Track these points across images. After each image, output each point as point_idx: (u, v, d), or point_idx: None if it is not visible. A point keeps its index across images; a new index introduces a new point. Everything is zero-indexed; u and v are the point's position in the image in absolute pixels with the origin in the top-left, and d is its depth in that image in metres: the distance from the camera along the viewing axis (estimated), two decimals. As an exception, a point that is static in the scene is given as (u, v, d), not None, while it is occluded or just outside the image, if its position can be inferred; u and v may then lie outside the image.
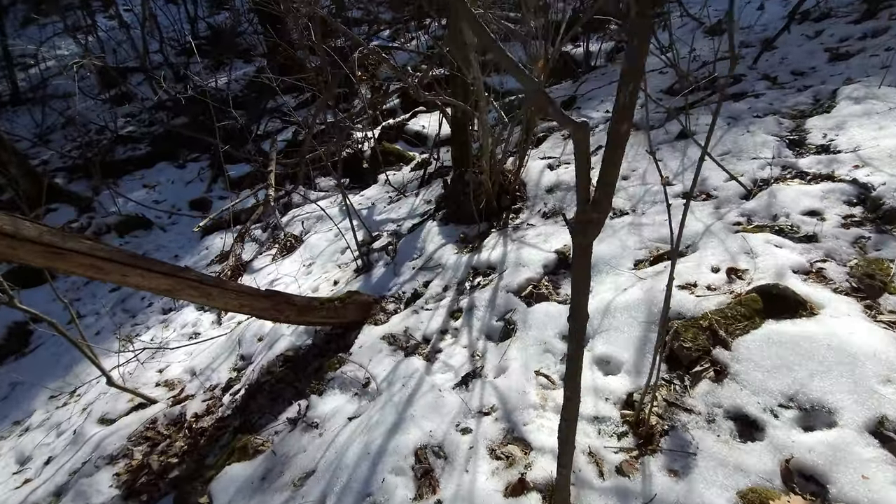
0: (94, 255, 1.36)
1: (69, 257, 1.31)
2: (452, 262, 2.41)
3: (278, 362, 2.22)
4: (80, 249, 1.33)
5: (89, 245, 1.35)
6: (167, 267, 1.55)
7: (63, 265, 1.31)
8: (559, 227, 2.42)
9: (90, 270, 1.37)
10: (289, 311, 1.94)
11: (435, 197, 3.69)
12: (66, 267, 1.32)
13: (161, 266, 1.53)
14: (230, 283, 1.73)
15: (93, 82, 8.89)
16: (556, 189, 2.70)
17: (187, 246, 4.83)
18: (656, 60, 4.57)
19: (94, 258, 1.36)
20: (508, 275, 2.09)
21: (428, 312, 2.11)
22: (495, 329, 1.87)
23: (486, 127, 2.15)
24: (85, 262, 1.34)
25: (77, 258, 1.33)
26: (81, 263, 1.34)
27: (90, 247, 1.35)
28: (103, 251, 1.38)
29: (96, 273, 1.38)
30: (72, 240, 1.32)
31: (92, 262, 1.36)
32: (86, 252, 1.34)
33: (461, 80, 3.10)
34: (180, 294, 1.58)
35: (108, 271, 1.40)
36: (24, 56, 10.21)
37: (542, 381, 1.52)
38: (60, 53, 10.14)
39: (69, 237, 1.32)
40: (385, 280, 2.67)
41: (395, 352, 1.91)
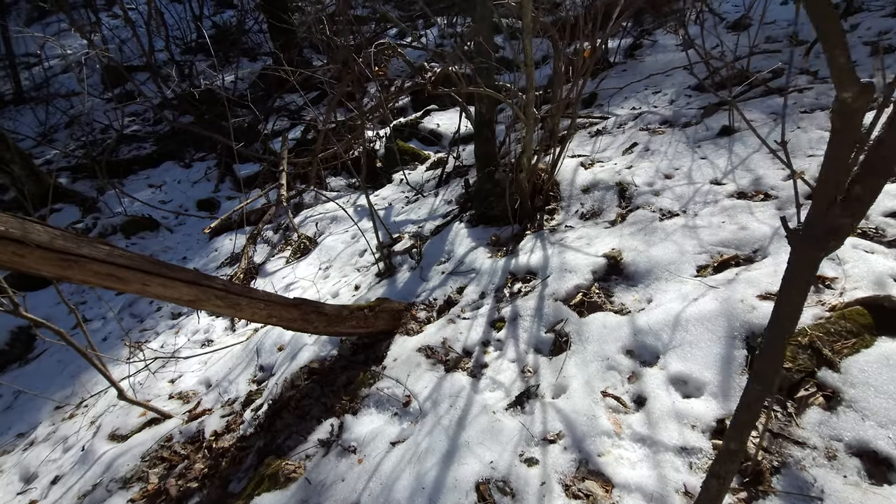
0: (112, 263, 1.19)
1: (84, 265, 1.15)
2: (487, 267, 2.25)
3: (303, 375, 2.06)
4: (97, 256, 1.17)
5: (107, 251, 1.19)
6: (191, 274, 1.38)
7: (77, 275, 1.15)
8: (601, 229, 2.26)
9: (108, 280, 1.20)
10: (318, 321, 1.77)
11: (456, 197, 3.53)
12: (80, 277, 1.16)
13: (184, 273, 1.36)
14: (258, 292, 1.57)
15: (97, 81, 8.74)
16: (594, 189, 2.54)
17: (195, 248, 4.67)
18: (681, 57, 4.42)
19: (113, 266, 1.19)
20: (553, 281, 1.93)
21: (466, 322, 1.95)
22: (545, 341, 1.70)
23: (531, 121, 1.99)
24: (102, 271, 1.18)
25: (93, 266, 1.16)
26: (98, 272, 1.17)
27: (108, 253, 1.19)
28: (122, 258, 1.21)
29: (114, 283, 1.22)
30: (87, 245, 1.16)
31: (110, 270, 1.19)
32: (103, 259, 1.18)
33: (487, 73, 2.94)
34: (205, 305, 1.42)
35: (128, 281, 1.24)
36: (28, 54, 10.06)
37: (610, 402, 1.35)
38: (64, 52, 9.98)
39: (84, 242, 1.15)
40: (412, 285, 2.51)
41: (435, 366, 1.74)
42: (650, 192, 2.34)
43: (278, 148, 5.37)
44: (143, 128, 7.50)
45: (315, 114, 5.84)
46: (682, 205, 2.16)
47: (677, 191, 2.27)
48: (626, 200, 2.39)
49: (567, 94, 2.46)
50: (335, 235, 3.64)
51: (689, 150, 2.63)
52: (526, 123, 2.01)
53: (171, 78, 7.24)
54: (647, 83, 4.19)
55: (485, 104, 3.01)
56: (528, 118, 1.97)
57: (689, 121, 3.03)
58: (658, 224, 2.06)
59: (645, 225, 2.10)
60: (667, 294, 1.64)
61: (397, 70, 6.23)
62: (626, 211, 2.31)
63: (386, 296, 2.54)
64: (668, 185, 2.35)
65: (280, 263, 3.69)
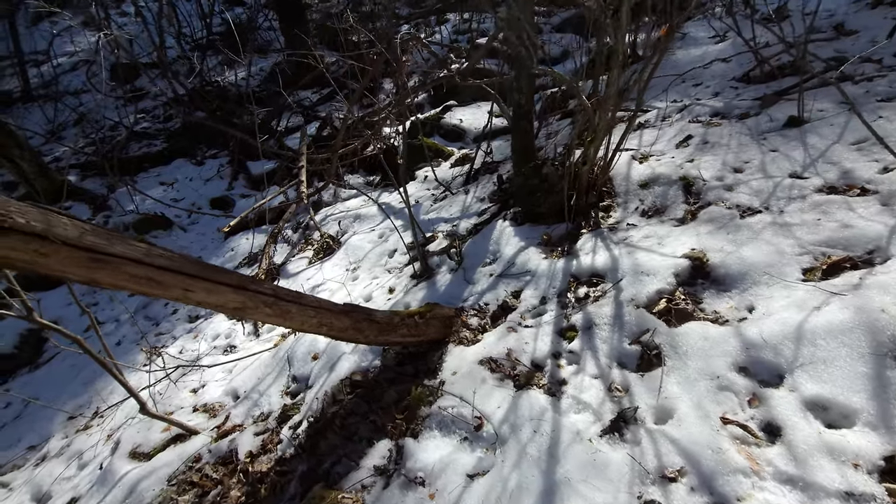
0: (150, 265, 0.98)
1: (118, 267, 0.94)
2: (544, 269, 2.03)
3: (345, 388, 1.85)
4: (133, 256, 0.95)
5: (144, 250, 0.98)
6: (237, 278, 1.17)
7: (108, 278, 0.94)
8: (669, 227, 2.04)
9: (145, 285, 0.99)
10: (369, 329, 1.56)
11: (489, 194, 3.32)
12: (112, 280, 0.95)
13: (230, 277, 1.15)
14: (308, 297, 1.35)
15: (106, 78, 8.57)
16: (653, 184, 2.32)
17: (210, 247, 4.46)
18: (716, 49, 4.19)
19: (151, 268, 0.98)
20: (628, 285, 1.71)
21: (530, 330, 1.73)
22: (629, 355, 1.49)
23: (611, 106, 1.76)
24: (138, 274, 0.97)
25: (128, 268, 0.95)
26: (133, 276, 0.96)
27: (146, 252, 0.98)
28: (163, 258, 1.00)
29: (153, 288, 1.01)
30: (121, 243, 0.94)
31: (148, 273, 0.98)
32: (139, 259, 0.97)
33: (526, 63, 2.73)
34: (253, 313, 1.21)
35: (169, 285, 1.03)
36: (36, 52, 9.89)
37: (735, 431, 1.14)
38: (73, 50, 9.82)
39: (117, 239, 0.94)
40: (455, 288, 2.30)
41: (503, 382, 1.53)
42: (721, 187, 2.12)
43: (293, 145, 5.17)
44: (154, 125, 7.31)
45: (334, 108, 5.64)
46: (764, 200, 1.94)
47: (753, 185, 2.05)
48: (694, 196, 2.17)
49: (631, 80, 2.24)
50: (361, 234, 3.43)
51: (755, 142, 2.41)
52: (600, 111, 1.79)
53: (182, 74, 7.05)
54: (685, 76, 3.96)
55: (524, 93, 2.79)
56: (607, 105, 1.75)
57: (746, 112, 2.80)
58: (740, 222, 1.84)
59: (724, 223, 1.88)
60: (774, 301, 1.42)
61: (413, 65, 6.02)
62: (696, 207, 2.09)
63: (427, 300, 2.33)
64: (741, 179, 2.13)
65: (302, 264, 3.48)
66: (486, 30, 6.89)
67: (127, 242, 0.96)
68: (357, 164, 4.90)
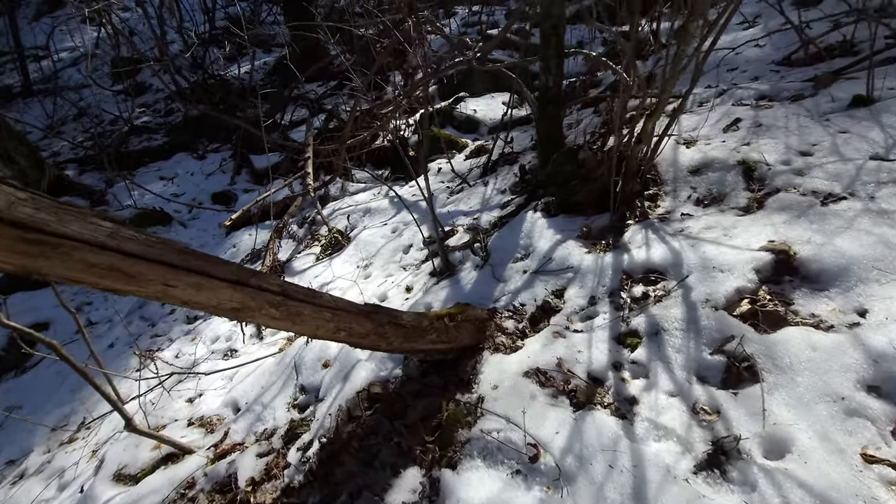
0: (117, 251, 0.71)
1: (68, 253, 0.67)
2: (589, 265, 1.76)
3: (362, 402, 1.58)
4: (92, 238, 0.69)
5: (108, 230, 0.71)
6: (234, 270, 0.90)
7: (56, 267, 0.67)
8: (732, 216, 1.77)
9: (110, 278, 0.73)
10: (394, 335, 1.29)
11: (510, 185, 3.06)
12: (62, 272, 0.68)
13: (226, 269, 0.88)
14: (324, 297, 1.09)
15: (107, 73, 8.35)
16: (706, 170, 2.05)
17: (211, 243, 4.21)
18: (745, 35, 3.91)
19: (118, 255, 0.72)
20: (698, 283, 1.44)
21: (580, 336, 1.46)
22: (711, 367, 1.22)
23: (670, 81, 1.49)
24: (100, 263, 0.70)
25: (84, 254, 0.69)
26: (93, 265, 0.70)
27: (111, 233, 0.71)
28: (136, 242, 0.73)
29: (121, 282, 0.74)
30: (76, 219, 0.68)
31: (114, 261, 0.71)
32: (102, 244, 0.70)
33: (555, 42, 2.47)
34: (255, 315, 0.94)
35: (142, 279, 0.76)
36: (37, 47, 9.68)
37: (885, 473, 0.87)
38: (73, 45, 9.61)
39: (71, 214, 0.68)
40: (483, 287, 2.03)
41: (557, 399, 1.26)
42: (790, 172, 1.84)
43: (298, 139, 4.91)
44: (154, 119, 7.07)
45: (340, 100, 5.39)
46: (846, 186, 1.66)
47: (829, 169, 1.77)
48: (757, 182, 1.89)
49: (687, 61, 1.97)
50: (372, 229, 3.16)
51: (818, 124, 2.14)
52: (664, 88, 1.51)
53: (184, 68, 6.81)
54: (717, 61, 3.68)
55: (552, 75, 2.53)
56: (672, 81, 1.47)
57: (799, 94, 2.53)
58: (823, 209, 1.57)
59: (802, 210, 1.61)
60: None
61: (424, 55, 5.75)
62: (762, 194, 1.82)
63: (451, 300, 2.06)
64: (812, 162, 1.85)
65: (309, 260, 3.22)
66: (496, 22, 6.63)
67: (85, 219, 0.69)
68: (364, 158, 4.64)
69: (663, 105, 1.63)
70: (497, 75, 4.66)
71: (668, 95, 1.59)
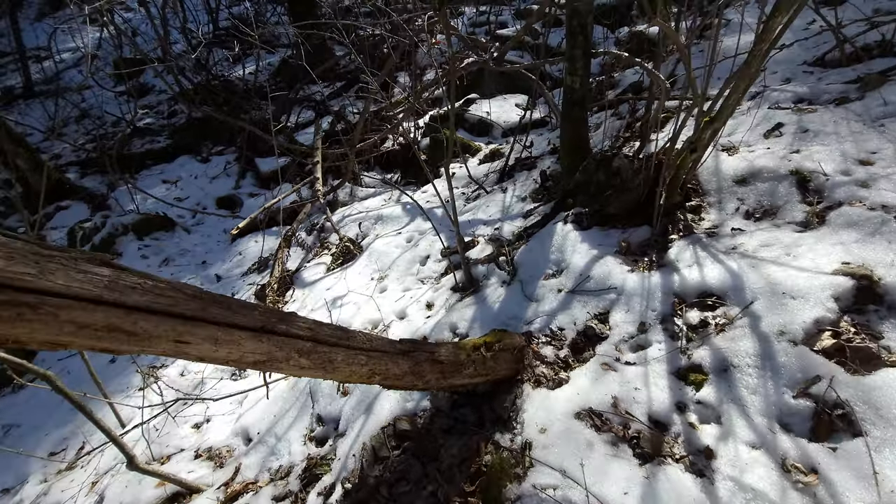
0: (116, 305, 0.56)
1: (54, 314, 0.52)
2: (634, 285, 1.60)
3: (388, 440, 1.42)
4: (84, 293, 0.53)
5: (107, 280, 0.56)
6: (258, 316, 0.75)
7: (40, 334, 0.52)
8: (791, 232, 1.61)
9: (109, 340, 0.57)
10: (431, 373, 1.14)
11: (530, 192, 2.90)
12: (46, 337, 0.53)
13: (248, 315, 0.73)
14: (357, 336, 0.93)
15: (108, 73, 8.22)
16: (754, 179, 1.89)
17: (216, 250, 4.05)
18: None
19: (119, 311, 0.56)
20: (767, 311, 1.28)
21: (634, 369, 1.30)
22: (796, 412, 1.06)
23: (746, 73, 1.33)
24: (94, 323, 0.55)
25: (75, 314, 0.53)
26: (86, 326, 0.54)
27: (109, 285, 0.56)
28: (141, 292, 0.58)
29: (122, 343, 0.59)
30: (62, 269, 0.52)
31: (113, 319, 0.56)
32: (98, 298, 0.55)
33: (582, 40, 2.31)
34: (281, 367, 0.79)
35: (148, 337, 0.61)
36: (39, 48, 9.55)
37: None
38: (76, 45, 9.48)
39: (52, 260, 0.52)
40: (513, 306, 1.87)
41: (617, 448, 1.10)
42: (851, 183, 1.68)
43: (304, 141, 4.76)
44: (158, 120, 6.92)
45: (347, 102, 5.23)
46: (925, 199, 1.50)
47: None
48: (814, 194, 1.73)
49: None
50: (385, 238, 3.01)
51: (872, 129, 1.98)
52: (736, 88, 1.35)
53: (188, 69, 6.66)
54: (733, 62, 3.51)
55: (579, 76, 2.37)
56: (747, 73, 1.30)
57: (843, 96, 2.36)
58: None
59: (875, 228, 1.45)
60: None
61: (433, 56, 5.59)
62: (822, 208, 1.66)
63: (478, 319, 1.91)
64: (876, 173, 1.69)
65: (319, 270, 3.07)
66: (504, 22, 6.47)
67: (74, 267, 0.54)
68: (373, 161, 4.49)
69: (730, 110, 1.47)
70: (512, 76, 4.51)
71: (738, 97, 1.43)
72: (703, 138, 1.53)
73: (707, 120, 1.47)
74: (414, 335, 2.04)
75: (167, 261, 3.96)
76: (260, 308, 0.77)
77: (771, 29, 1.18)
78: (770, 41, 1.22)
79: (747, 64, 1.28)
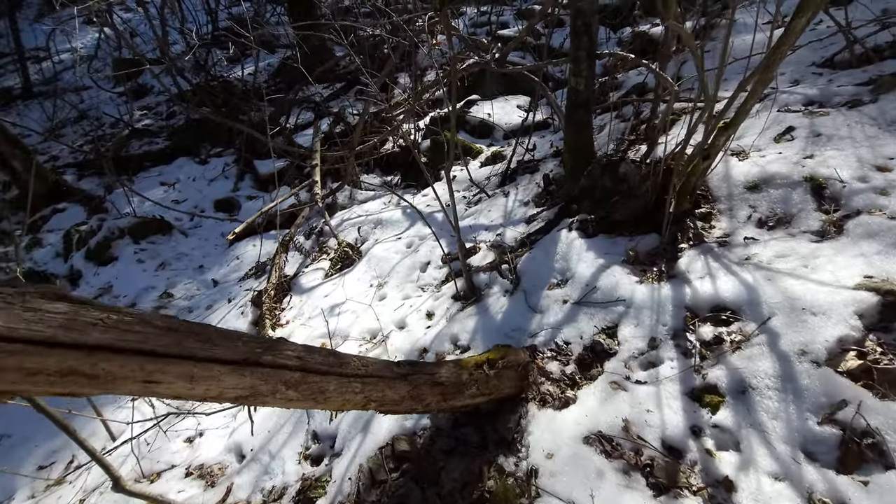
0: (75, 347, 0.49)
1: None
2: (643, 298, 1.53)
3: (385, 461, 1.35)
4: (29, 335, 0.46)
5: (61, 317, 0.49)
6: (241, 346, 0.67)
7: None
8: (807, 242, 1.54)
9: (66, 384, 0.50)
10: (431, 396, 1.07)
11: (533, 197, 2.83)
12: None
13: (228, 347, 0.66)
14: (351, 362, 0.86)
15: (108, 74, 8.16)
16: (766, 186, 1.81)
17: (214, 254, 3.98)
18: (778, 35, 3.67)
19: (78, 353, 0.49)
20: (786, 328, 1.21)
21: (646, 389, 1.23)
22: (822, 441, 0.99)
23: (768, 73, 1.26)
24: (48, 369, 0.48)
25: (25, 360, 0.46)
26: (38, 373, 0.47)
27: (65, 323, 0.49)
28: (102, 329, 0.51)
29: (83, 386, 0.52)
30: (5, 309, 0.45)
31: (71, 362, 0.49)
32: (52, 340, 0.48)
33: (586, 41, 2.24)
34: (266, 401, 0.72)
35: (112, 378, 0.54)
36: (38, 49, 9.50)
37: None
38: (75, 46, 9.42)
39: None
40: (517, 318, 1.80)
41: (629, 477, 1.03)
42: (869, 190, 1.61)
43: (303, 142, 4.69)
44: (156, 122, 6.86)
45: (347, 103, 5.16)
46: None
47: (922, 187, 1.54)
48: (830, 202, 1.66)
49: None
50: (385, 243, 2.94)
51: (889, 134, 1.90)
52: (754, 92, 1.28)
53: (187, 70, 6.59)
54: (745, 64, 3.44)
55: (584, 77, 2.30)
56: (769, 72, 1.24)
57: (856, 99, 2.29)
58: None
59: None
60: None
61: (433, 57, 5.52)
62: (839, 217, 1.59)
63: (480, 331, 1.84)
64: (894, 179, 1.62)
65: (318, 276, 2.99)
66: (505, 23, 6.40)
67: (20, 306, 0.47)
68: (373, 163, 4.42)
69: (746, 115, 1.40)
70: (513, 77, 4.43)
71: (754, 101, 1.36)
72: (717, 144, 1.46)
73: (721, 126, 1.40)
74: (414, 346, 1.97)
75: (163, 265, 3.89)
76: (244, 338, 0.70)
77: (794, 30, 1.11)
78: (791, 43, 1.15)
79: (766, 67, 1.21)
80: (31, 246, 4.45)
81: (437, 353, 1.83)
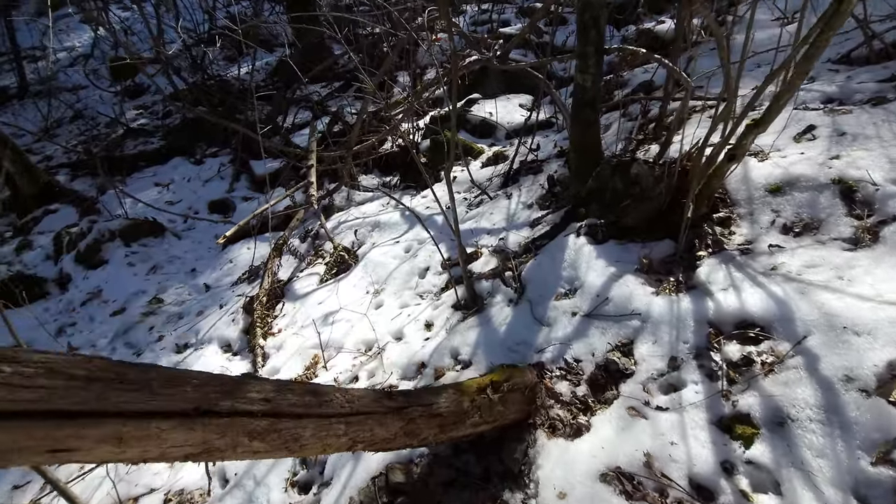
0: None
1: None
2: (661, 311, 1.40)
3: (378, 494, 1.22)
4: None
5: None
6: (189, 393, 0.54)
7: None
8: (839, 250, 1.40)
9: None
10: (427, 429, 0.94)
11: (536, 199, 2.70)
12: None
13: (175, 394, 0.52)
14: (333, 399, 0.73)
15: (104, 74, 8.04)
16: (790, 189, 1.68)
17: (207, 257, 3.85)
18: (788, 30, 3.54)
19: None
20: (826, 349, 1.08)
21: (668, 417, 1.10)
22: (876, 485, 0.86)
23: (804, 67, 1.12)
24: None
25: None
26: None
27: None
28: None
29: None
30: None
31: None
32: None
33: (594, 36, 2.10)
34: (225, 455, 0.59)
35: (10, 450, 0.41)
36: (34, 48, 9.37)
37: None
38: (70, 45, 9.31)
39: None
40: (522, 330, 1.67)
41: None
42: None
43: (300, 142, 4.56)
44: (152, 121, 6.73)
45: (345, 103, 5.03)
46: None
47: (962, 191, 1.41)
48: (862, 206, 1.53)
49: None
50: (382, 248, 2.80)
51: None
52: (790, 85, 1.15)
53: (183, 69, 6.46)
54: (757, 61, 3.30)
55: (591, 74, 2.16)
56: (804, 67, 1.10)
57: (879, 96, 2.15)
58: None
59: (944, 248, 1.25)
60: None
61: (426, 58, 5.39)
62: (875, 222, 1.45)
63: (482, 344, 1.71)
64: (932, 182, 1.49)
65: (312, 282, 2.86)
66: (507, 20, 6.26)
67: None
68: (371, 164, 4.29)
69: (777, 112, 1.26)
70: (515, 75, 4.29)
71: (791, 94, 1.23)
72: (744, 144, 1.32)
73: (750, 124, 1.26)
74: (411, 360, 1.84)
75: (155, 268, 3.76)
76: (195, 380, 0.56)
77: (842, 12, 0.97)
78: (836, 28, 1.01)
79: (807, 58, 1.07)
80: (21, 248, 4.32)
81: (436, 367, 1.70)
